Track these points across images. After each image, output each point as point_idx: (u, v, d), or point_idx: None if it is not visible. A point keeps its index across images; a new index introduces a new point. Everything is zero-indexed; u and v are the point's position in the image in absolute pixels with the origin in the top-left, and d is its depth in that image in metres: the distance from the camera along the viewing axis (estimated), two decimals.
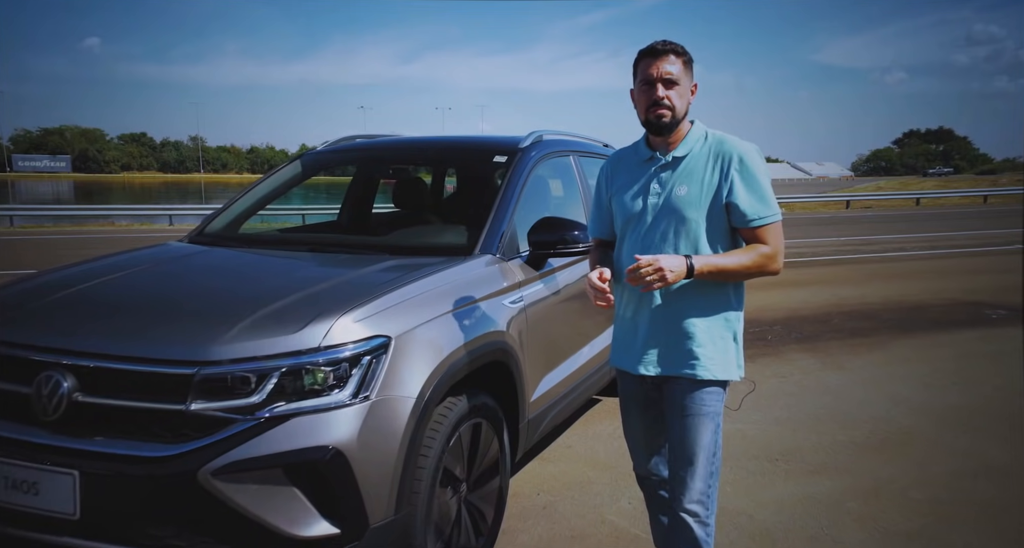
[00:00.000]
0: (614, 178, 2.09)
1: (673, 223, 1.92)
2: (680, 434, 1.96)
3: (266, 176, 3.62)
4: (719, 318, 1.95)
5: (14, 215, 20.11)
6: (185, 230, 10.22)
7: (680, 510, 1.96)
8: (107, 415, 1.88)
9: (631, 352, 2.02)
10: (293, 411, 1.86)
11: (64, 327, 2.03)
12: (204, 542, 1.80)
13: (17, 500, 1.85)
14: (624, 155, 2.11)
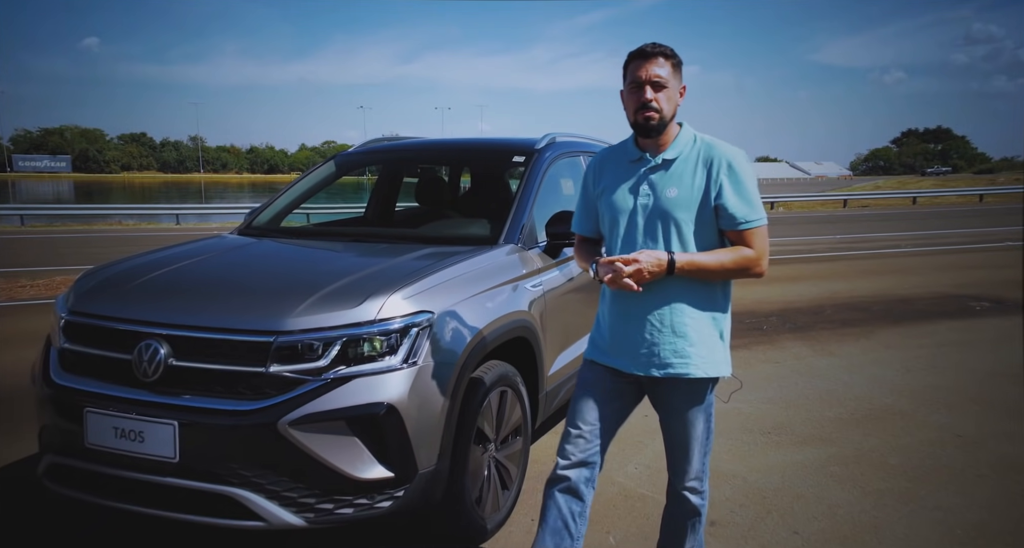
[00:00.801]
0: (601, 177, 2.11)
1: (663, 224, 1.96)
2: (677, 428, 2.06)
3: (303, 175, 3.96)
4: (708, 317, 1.98)
5: (24, 214, 20.46)
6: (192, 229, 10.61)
7: (682, 487, 2.11)
8: (198, 376, 2.22)
9: (617, 351, 2.02)
10: (353, 373, 2.21)
11: (158, 304, 2.38)
12: (282, 481, 2.15)
13: (125, 447, 2.20)
14: (612, 154, 2.13)
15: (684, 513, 2.15)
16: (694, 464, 2.09)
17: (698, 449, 2.07)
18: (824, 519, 2.80)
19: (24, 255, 11.89)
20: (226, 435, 2.15)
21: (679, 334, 1.96)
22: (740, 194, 1.93)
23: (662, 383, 2.01)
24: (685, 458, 2.08)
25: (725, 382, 2.09)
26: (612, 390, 2.06)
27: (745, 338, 5.82)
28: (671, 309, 1.95)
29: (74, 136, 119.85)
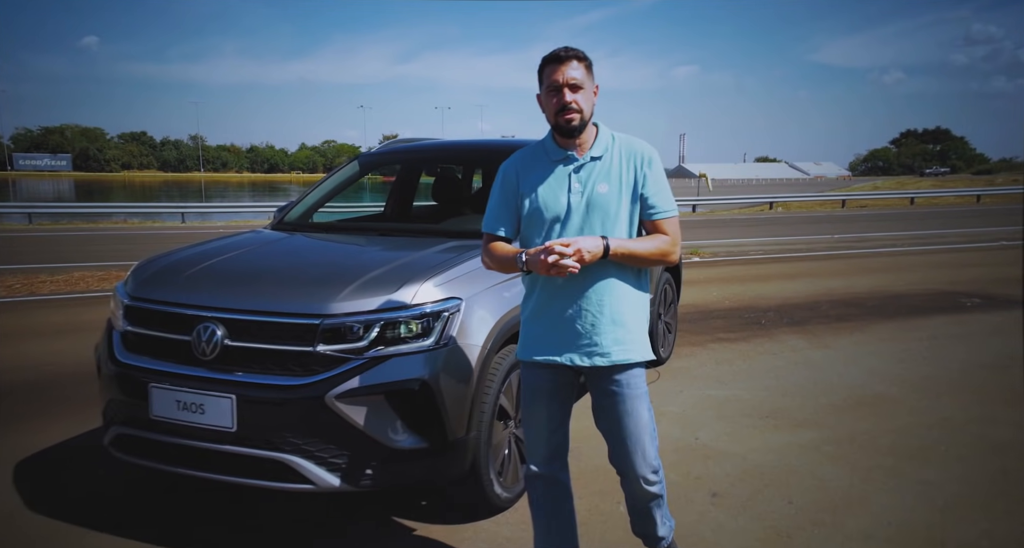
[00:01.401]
0: (523, 178, 2.12)
1: (598, 218, 2.03)
2: (621, 417, 2.09)
3: (329, 175, 4.21)
4: (639, 306, 2.11)
5: (32, 212, 20.70)
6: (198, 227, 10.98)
7: (637, 479, 2.13)
8: (252, 355, 2.46)
9: (557, 344, 2.07)
10: (391, 353, 2.45)
11: (214, 290, 2.63)
12: (328, 448, 2.39)
13: (187, 418, 2.44)
14: (531, 155, 2.16)
15: (647, 501, 2.19)
16: (648, 450, 2.10)
17: (648, 437, 2.10)
18: (816, 491, 3.04)
19: (37, 252, 12.12)
20: (279, 407, 2.39)
21: (617, 323, 2.04)
22: (659, 186, 2.08)
23: (603, 372, 2.07)
24: (636, 448, 2.09)
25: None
26: (552, 390, 2.13)
27: (744, 331, 6.06)
28: (608, 300, 2.03)
29: (74, 135, 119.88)
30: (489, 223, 2.19)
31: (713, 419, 3.94)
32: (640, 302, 2.12)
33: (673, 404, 4.18)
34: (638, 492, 2.17)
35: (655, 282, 4.83)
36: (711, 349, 5.50)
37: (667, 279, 5.14)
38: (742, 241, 14.35)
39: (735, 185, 73.73)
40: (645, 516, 2.25)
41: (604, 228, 2.04)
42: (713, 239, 14.39)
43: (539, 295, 2.11)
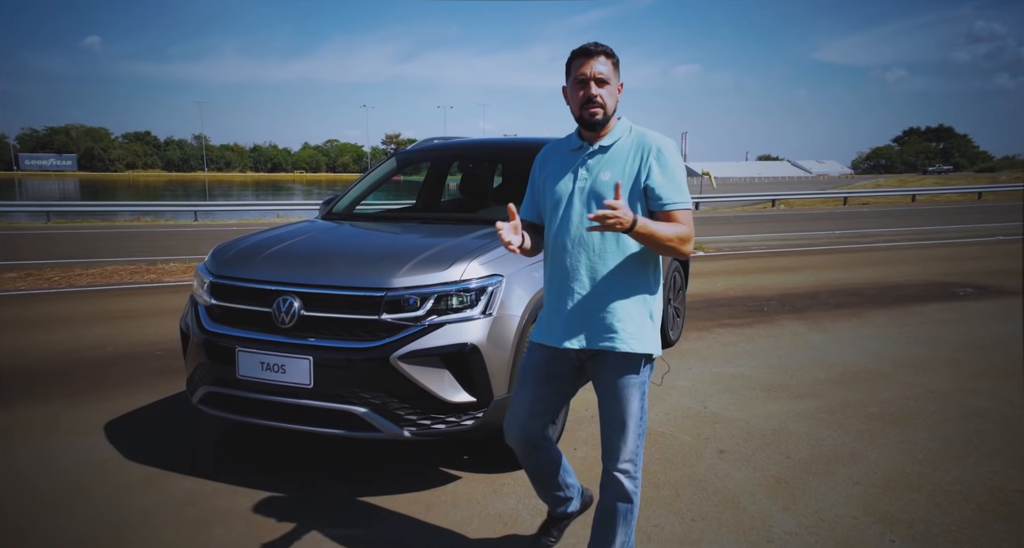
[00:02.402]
0: (545, 166, 2.24)
1: (597, 204, 2.04)
2: (611, 405, 2.12)
3: (368, 171, 4.61)
4: (639, 298, 2.10)
5: (50, 211, 21.16)
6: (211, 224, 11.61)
7: (614, 469, 2.12)
8: (325, 323, 2.87)
9: (555, 327, 2.14)
10: (444, 321, 2.86)
11: (289, 269, 3.03)
12: (392, 402, 2.80)
13: (270, 377, 2.85)
14: (556, 146, 2.26)
15: (617, 497, 2.13)
16: (629, 443, 2.11)
17: (633, 427, 2.10)
18: (812, 449, 3.44)
19: (63, 248, 12.54)
20: (350, 366, 2.80)
21: (609, 311, 2.07)
22: (667, 177, 2.06)
23: (597, 358, 2.12)
24: (621, 436, 2.11)
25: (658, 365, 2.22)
26: (547, 374, 2.20)
27: (748, 318, 6.46)
28: (605, 289, 2.07)
29: (79, 135, 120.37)
30: (522, 210, 2.32)
31: (720, 391, 4.34)
32: (641, 296, 2.11)
33: (683, 380, 4.58)
34: (611, 484, 2.14)
35: (665, 271, 5.23)
36: (717, 333, 5.89)
37: (676, 267, 5.54)
38: (745, 237, 14.73)
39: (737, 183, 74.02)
40: (607, 522, 2.16)
41: None
42: (717, 235, 14.77)
43: (548, 282, 2.20)
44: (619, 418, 2.11)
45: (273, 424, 2.93)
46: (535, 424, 2.24)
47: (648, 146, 2.10)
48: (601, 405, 2.17)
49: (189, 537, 2.59)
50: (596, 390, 2.17)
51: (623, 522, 2.14)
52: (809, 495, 2.93)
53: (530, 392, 2.22)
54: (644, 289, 2.12)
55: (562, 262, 2.12)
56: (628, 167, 2.09)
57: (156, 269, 9.57)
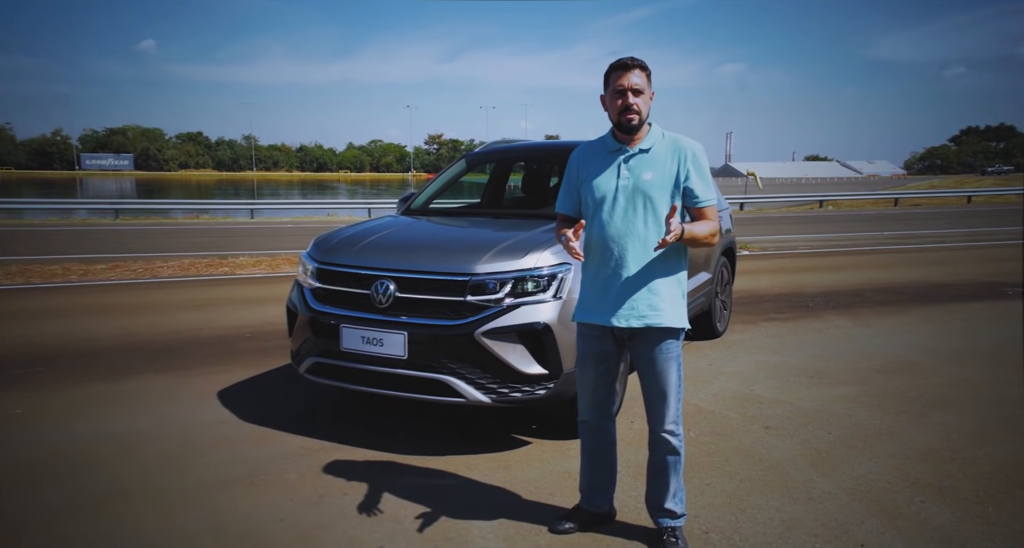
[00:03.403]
0: (583, 166, 2.48)
1: (640, 201, 2.35)
2: (653, 376, 2.42)
3: (441, 171, 5.06)
4: (673, 280, 2.41)
5: (118, 208, 22.42)
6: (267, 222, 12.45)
7: (661, 431, 2.46)
8: (417, 304, 3.31)
9: (603, 308, 2.40)
10: (520, 303, 3.26)
11: (385, 257, 3.48)
12: (476, 372, 3.21)
13: (370, 350, 3.30)
14: (592, 147, 2.50)
15: (666, 452, 2.47)
16: (671, 409, 2.43)
17: (673, 394, 2.42)
18: (852, 426, 3.73)
19: (137, 243, 13.41)
20: (439, 341, 3.23)
21: (653, 292, 2.36)
22: (701, 178, 2.39)
23: (638, 334, 2.40)
24: (664, 403, 2.43)
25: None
26: (601, 353, 2.48)
27: (792, 313, 6.71)
28: (646, 273, 2.36)
29: (136, 136, 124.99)
30: (559, 204, 2.62)
31: (765, 377, 4.64)
32: (675, 275, 2.41)
33: (730, 366, 4.89)
34: (659, 443, 2.48)
35: (713, 266, 5.54)
36: (762, 326, 6.17)
37: (723, 263, 5.84)
38: (791, 237, 14.79)
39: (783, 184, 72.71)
40: (660, 473, 2.49)
41: (645, 209, 2.36)
42: (762, 235, 14.87)
43: (590, 266, 2.46)
44: (660, 388, 2.43)
45: (372, 391, 3.38)
46: (603, 394, 2.57)
47: (684, 150, 2.40)
48: (643, 377, 2.47)
49: (309, 482, 3.06)
50: (637, 364, 2.46)
51: (674, 472, 2.51)
52: (848, 464, 3.24)
53: (591, 370, 2.54)
54: (677, 272, 2.43)
55: (609, 251, 2.39)
56: (667, 168, 2.38)
57: (228, 262, 10.25)
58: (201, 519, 2.72)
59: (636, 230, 2.36)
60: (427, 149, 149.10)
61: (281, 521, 2.70)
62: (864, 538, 2.57)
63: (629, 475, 3.02)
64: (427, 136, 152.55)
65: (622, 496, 2.83)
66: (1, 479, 3.05)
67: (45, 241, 13.61)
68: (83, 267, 9.41)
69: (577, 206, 2.54)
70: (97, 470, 3.15)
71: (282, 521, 2.70)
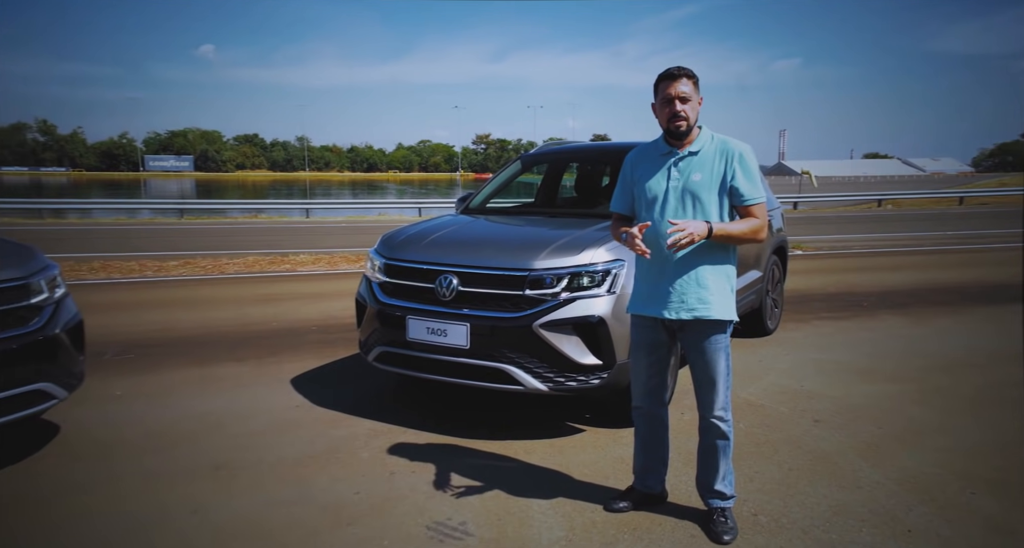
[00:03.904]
0: (637, 168, 2.65)
1: (689, 200, 2.51)
2: (702, 365, 2.58)
3: (498, 172, 5.28)
4: (722, 275, 2.55)
5: (183, 208, 23.51)
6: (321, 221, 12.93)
7: (711, 417, 2.61)
8: (478, 297, 3.52)
9: (656, 300, 2.57)
10: (576, 297, 3.44)
11: (448, 253, 3.71)
12: (534, 361, 3.40)
13: (434, 340, 3.53)
14: (645, 150, 2.67)
15: (715, 437, 2.62)
16: (720, 396, 2.58)
17: (722, 382, 2.57)
18: (903, 422, 3.78)
19: (202, 241, 14.09)
20: (500, 332, 3.44)
21: (702, 285, 2.51)
22: (748, 178, 2.51)
23: (688, 326, 2.55)
24: (713, 391, 2.58)
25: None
26: (653, 342, 2.65)
27: (846, 312, 6.69)
28: (696, 267, 2.52)
29: (196, 138, 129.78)
30: (613, 204, 2.79)
31: (815, 373, 4.70)
32: (723, 270, 2.55)
33: (781, 363, 4.96)
34: (709, 428, 2.63)
35: (764, 264, 5.60)
36: (814, 325, 6.18)
37: (774, 261, 5.89)
38: (846, 237, 14.51)
39: (840, 182, 70.61)
40: (710, 457, 2.64)
41: (695, 208, 2.50)
42: (816, 235, 14.64)
43: (642, 261, 2.60)
44: (710, 376, 2.58)
45: (436, 378, 3.61)
46: (655, 382, 2.74)
47: (731, 152, 2.52)
48: (693, 367, 2.62)
49: (380, 460, 3.31)
50: (687, 354, 2.62)
51: (723, 455, 2.66)
52: (897, 456, 3.31)
53: (644, 359, 2.71)
54: (726, 266, 2.57)
55: (660, 247, 2.51)
56: (715, 169, 2.52)
57: (289, 260, 10.72)
58: (287, 490, 2.99)
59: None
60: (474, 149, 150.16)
61: (356, 494, 2.95)
62: (911, 524, 2.66)
63: (680, 461, 3.16)
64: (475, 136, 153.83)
65: (673, 480, 2.98)
66: (111, 451, 3.40)
67: (120, 239, 14.44)
68: (157, 263, 10.01)
69: (631, 205, 2.71)
70: (191, 444, 3.48)
71: (357, 494, 2.95)
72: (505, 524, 2.69)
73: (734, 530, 2.59)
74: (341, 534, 2.62)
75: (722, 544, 2.53)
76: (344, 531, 2.64)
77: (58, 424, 3.69)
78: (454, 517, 2.75)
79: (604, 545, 2.55)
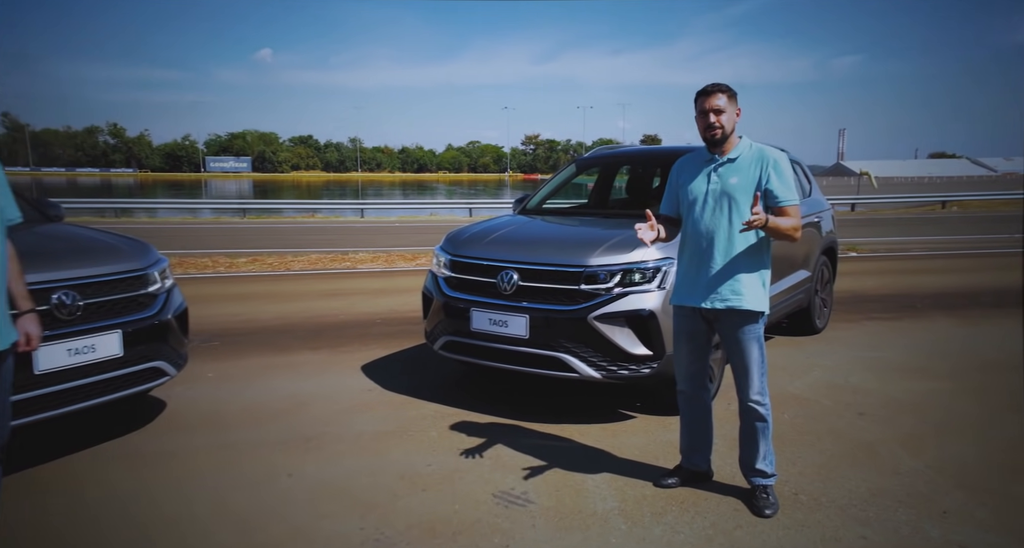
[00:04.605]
0: (682, 173, 2.96)
1: (726, 202, 2.78)
2: (738, 353, 2.81)
3: (554, 175, 5.57)
4: (756, 270, 2.80)
5: (246, 208, 24.59)
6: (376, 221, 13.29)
7: (748, 401, 2.84)
8: (537, 291, 3.82)
9: (695, 292, 2.84)
10: (628, 291, 3.70)
11: (509, 250, 4.02)
12: (589, 351, 3.68)
13: (496, 330, 3.85)
14: (690, 158, 2.99)
15: (753, 420, 2.85)
16: (755, 382, 2.81)
17: (756, 369, 2.80)
18: (946, 416, 3.91)
19: (265, 239, 14.82)
20: (557, 323, 3.72)
21: (736, 279, 2.76)
22: (782, 181, 2.78)
23: (723, 316, 2.81)
24: (747, 377, 2.82)
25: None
26: (692, 331, 2.92)
27: (897, 313, 6.72)
28: (731, 263, 2.77)
29: (254, 139, 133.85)
30: (662, 207, 3.08)
31: (862, 369, 4.83)
32: (756, 265, 2.79)
33: (828, 360, 5.09)
34: (747, 411, 2.86)
35: (812, 264, 5.71)
36: (864, 325, 6.26)
37: (823, 261, 5.99)
38: (905, 239, 14.25)
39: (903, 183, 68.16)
40: (750, 438, 2.88)
41: (731, 210, 2.77)
42: (873, 237, 14.41)
43: (683, 256, 2.92)
44: (744, 363, 2.82)
45: (497, 365, 3.92)
46: (696, 368, 3.00)
47: (766, 159, 2.80)
48: (730, 355, 2.89)
49: (447, 438, 3.64)
50: (723, 343, 2.89)
51: (762, 436, 2.89)
52: (939, 447, 3.45)
53: (685, 346, 2.98)
54: (759, 262, 2.81)
55: (699, 244, 2.82)
56: (751, 174, 2.79)
57: (349, 258, 11.25)
58: (367, 460, 3.35)
59: (722, 226, 2.78)
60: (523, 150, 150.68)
61: (428, 465, 3.29)
62: (947, 507, 2.83)
63: (726, 446, 3.38)
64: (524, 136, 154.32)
65: (719, 462, 3.21)
66: (214, 423, 3.83)
67: (189, 237, 15.31)
68: (227, 260, 10.65)
69: (676, 208, 3.00)
70: (282, 420, 3.88)
71: (429, 465, 3.29)
72: (563, 495, 2.98)
73: (775, 505, 2.81)
74: (417, 497, 2.95)
75: (764, 517, 2.75)
76: (420, 495, 2.97)
77: (164, 400, 4.15)
78: (516, 487, 3.05)
79: (654, 515, 2.81)
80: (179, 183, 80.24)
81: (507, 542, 2.60)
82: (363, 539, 2.62)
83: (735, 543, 2.59)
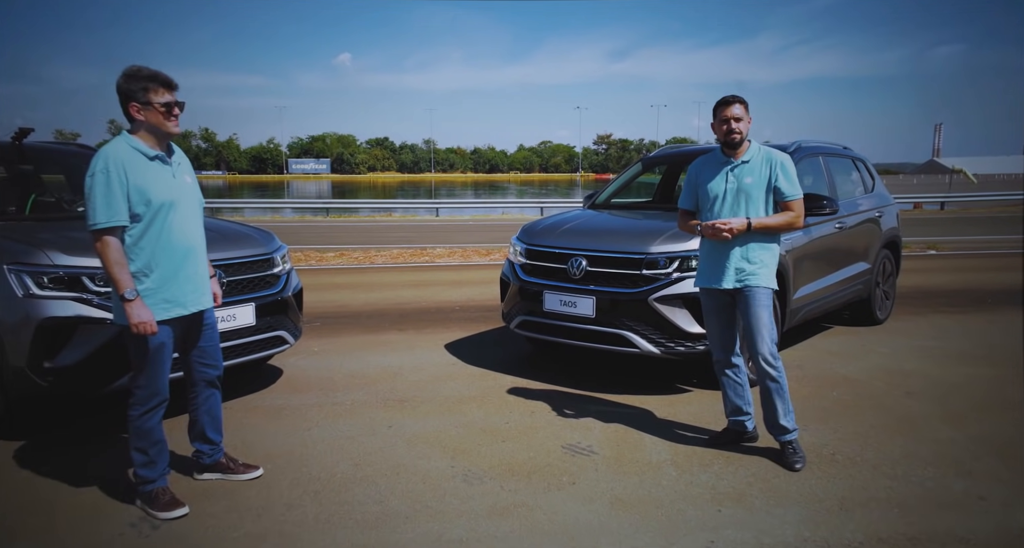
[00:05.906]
0: (701, 173, 3.35)
1: (743, 198, 3.21)
2: (750, 320, 3.20)
3: (621, 173, 6.00)
4: (768, 254, 3.23)
5: (329, 207, 26.00)
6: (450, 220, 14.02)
7: (760, 361, 3.19)
8: (604, 276, 4.28)
9: (716, 275, 3.26)
10: (684, 276, 4.10)
11: (578, 240, 4.50)
12: (649, 329, 4.11)
13: (566, 311, 4.33)
14: (708, 159, 3.37)
15: (766, 379, 3.20)
16: (765, 342, 3.17)
17: (766, 332, 3.18)
18: (994, 397, 4.11)
19: (349, 236, 15.79)
20: (620, 304, 4.17)
21: (752, 262, 3.20)
22: (788, 180, 3.22)
23: (741, 293, 3.24)
24: (759, 339, 3.18)
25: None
26: (718, 306, 3.35)
27: (966, 307, 6.77)
28: (747, 247, 3.20)
29: (333, 142, 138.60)
30: (681, 202, 3.50)
31: (918, 357, 5.03)
32: (769, 252, 3.23)
33: (886, 347, 5.31)
34: (761, 373, 3.21)
35: (873, 257, 5.89)
36: (929, 317, 6.37)
37: (885, 255, 6.16)
38: (992, 238, 13.80)
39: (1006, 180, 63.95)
40: (767, 398, 3.21)
41: (747, 206, 3.20)
42: (959, 235, 14.02)
43: (705, 245, 3.35)
44: (755, 327, 3.20)
45: (567, 341, 4.41)
46: (726, 336, 3.41)
47: (775, 160, 3.23)
48: (743, 321, 3.26)
49: (522, 402, 4.16)
50: (741, 315, 3.28)
51: (778, 395, 3.22)
52: (979, 423, 3.69)
53: (715, 319, 3.41)
54: (771, 248, 3.25)
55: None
56: (762, 174, 3.23)
57: (427, 253, 11.98)
58: (453, 417, 3.90)
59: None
60: (595, 149, 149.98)
61: (506, 423, 3.81)
62: (973, 468, 3.12)
63: None
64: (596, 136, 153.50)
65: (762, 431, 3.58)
66: (324, 386, 4.48)
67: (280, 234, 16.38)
68: (317, 255, 11.57)
69: (695, 203, 3.42)
70: (380, 384, 4.51)
71: (507, 423, 3.81)
72: (623, 448, 3.44)
73: (803, 459, 3.18)
74: (498, 446, 3.48)
75: (794, 471, 3.13)
76: (500, 445, 3.50)
77: (281, 369, 4.86)
78: (583, 441, 3.53)
79: (702, 464, 3.23)
80: (264, 185, 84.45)
81: (574, 480, 3.08)
82: (454, 474, 3.16)
83: (772, 489, 2.97)
